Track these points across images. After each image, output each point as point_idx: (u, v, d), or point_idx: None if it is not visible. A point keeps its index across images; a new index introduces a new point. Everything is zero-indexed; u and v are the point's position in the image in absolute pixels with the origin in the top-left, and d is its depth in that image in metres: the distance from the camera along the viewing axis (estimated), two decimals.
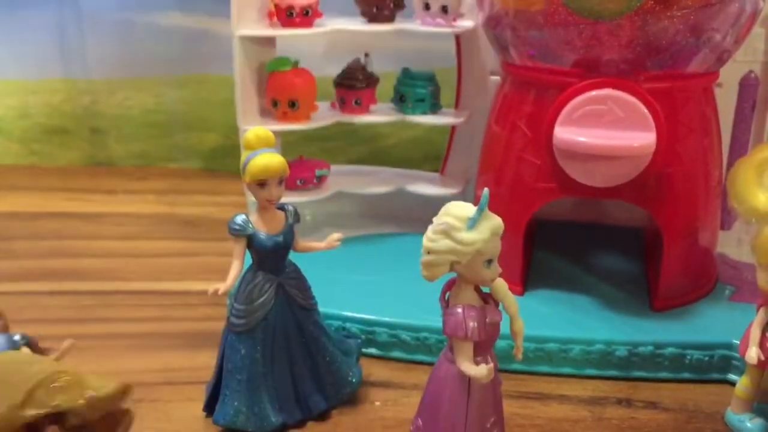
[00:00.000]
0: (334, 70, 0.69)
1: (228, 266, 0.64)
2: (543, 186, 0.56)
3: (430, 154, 0.87)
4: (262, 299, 0.47)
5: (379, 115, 0.68)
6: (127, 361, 0.55)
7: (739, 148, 0.63)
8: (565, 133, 0.52)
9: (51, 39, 0.98)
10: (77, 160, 1.03)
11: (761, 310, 0.46)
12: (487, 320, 0.37)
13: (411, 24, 0.66)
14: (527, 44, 0.56)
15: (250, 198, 0.49)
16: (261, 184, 0.46)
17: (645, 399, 0.52)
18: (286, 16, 0.64)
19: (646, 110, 0.51)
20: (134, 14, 0.95)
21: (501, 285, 0.38)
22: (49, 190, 0.93)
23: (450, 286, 0.39)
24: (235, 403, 0.47)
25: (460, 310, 0.37)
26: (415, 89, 0.67)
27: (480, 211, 0.36)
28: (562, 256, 0.66)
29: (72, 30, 0.97)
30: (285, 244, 0.48)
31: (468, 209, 0.37)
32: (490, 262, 0.37)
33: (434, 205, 0.45)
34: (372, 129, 0.90)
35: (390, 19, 0.66)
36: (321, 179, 0.69)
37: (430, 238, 0.37)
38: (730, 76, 0.61)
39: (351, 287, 0.61)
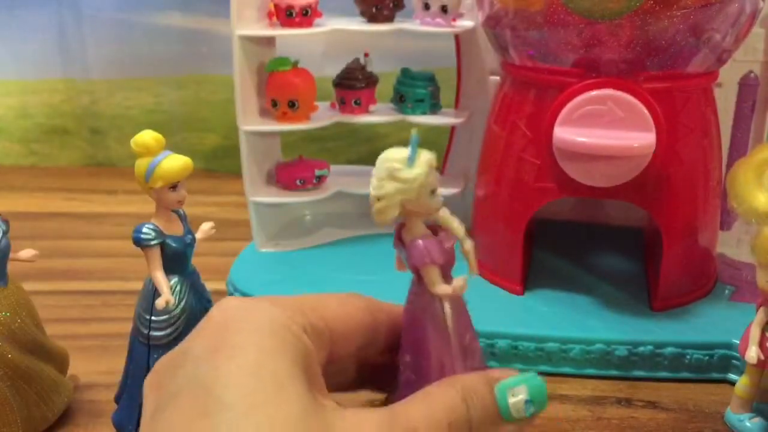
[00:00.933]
0: (334, 70, 0.69)
1: (226, 267, 0.65)
2: (543, 186, 0.56)
3: None
4: (182, 304, 0.46)
5: (379, 115, 0.68)
6: None
7: (738, 148, 0.63)
8: (564, 133, 0.52)
9: (50, 39, 0.98)
10: (77, 161, 1.03)
11: (761, 310, 0.46)
12: (445, 246, 0.40)
13: (410, 24, 0.66)
14: (527, 44, 0.56)
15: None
16: (173, 186, 0.45)
17: (645, 399, 0.52)
18: (286, 16, 0.64)
19: (645, 110, 0.51)
20: (134, 14, 0.95)
21: (444, 213, 0.41)
22: (49, 190, 0.93)
23: (399, 230, 0.41)
24: None
25: (420, 241, 0.40)
26: (415, 89, 0.67)
27: (414, 149, 0.39)
28: (562, 255, 0.66)
29: (71, 30, 0.97)
30: (193, 241, 0.47)
31: (402, 151, 0.39)
32: (433, 192, 0.40)
33: None
34: (372, 129, 0.90)
35: (389, 19, 0.66)
36: (321, 179, 0.69)
37: (376, 186, 0.39)
38: (729, 76, 0.61)
39: (351, 287, 0.60)
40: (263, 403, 0.28)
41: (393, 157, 0.40)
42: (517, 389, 0.36)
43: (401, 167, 0.39)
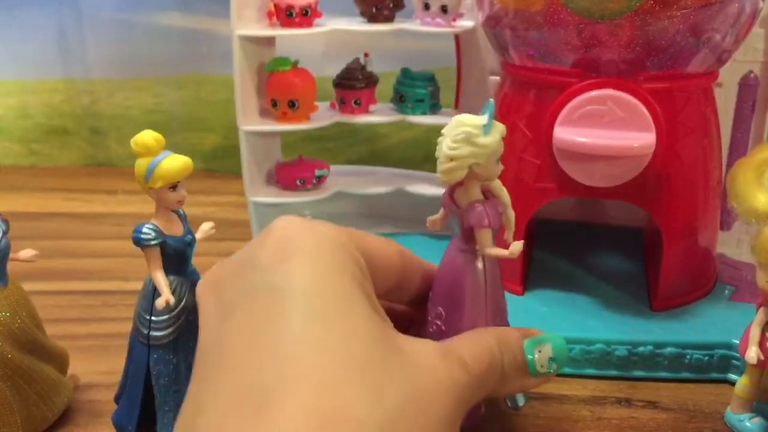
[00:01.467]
0: (334, 70, 0.69)
1: None
2: (543, 186, 0.56)
3: (430, 155, 0.86)
4: (182, 304, 0.46)
5: (379, 115, 0.68)
6: None
7: (738, 149, 0.63)
8: (564, 133, 0.52)
9: (50, 39, 0.98)
10: (77, 161, 1.03)
11: (761, 310, 0.46)
12: (498, 211, 0.44)
13: (411, 24, 0.66)
14: (527, 44, 0.56)
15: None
16: (173, 186, 0.45)
17: (645, 399, 0.52)
18: (286, 16, 0.64)
19: (645, 110, 0.51)
20: (134, 14, 0.95)
21: (497, 180, 0.45)
22: (49, 190, 0.93)
23: (451, 191, 0.45)
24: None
25: (479, 205, 0.43)
26: (415, 89, 0.67)
27: (491, 118, 0.42)
28: (562, 256, 0.66)
29: (71, 30, 0.97)
30: (193, 241, 0.47)
31: (479, 118, 0.42)
32: (498, 160, 0.43)
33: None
34: (371, 129, 0.90)
35: (389, 19, 0.66)
36: (320, 179, 0.69)
37: (451, 147, 0.42)
38: (729, 77, 0.61)
39: None
40: (337, 314, 0.30)
41: (471, 122, 0.42)
42: (542, 346, 0.39)
43: (478, 133, 0.42)
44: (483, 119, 0.42)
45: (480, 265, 0.44)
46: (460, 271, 0.44)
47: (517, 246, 0.42)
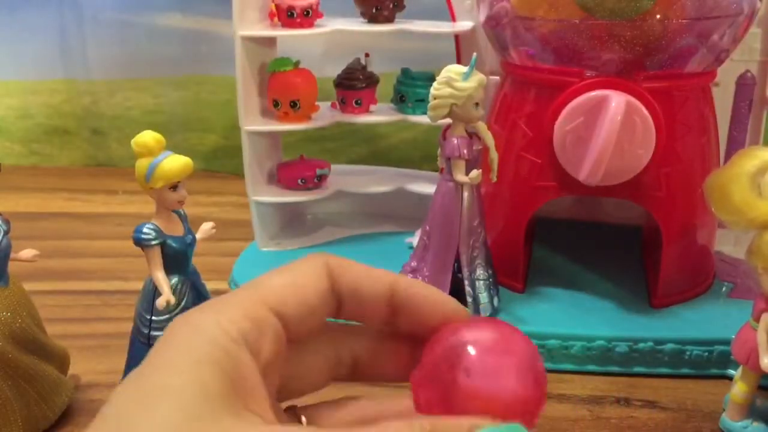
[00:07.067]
0: (335, 70, 0.69)
1: (226, 267, 0.65)
2: (543, 185, 0.56)
3: (430, 154, 0.87)
4: (182, 303, 0.46)
5: (380, 115, 0.68)
6: None
7: (735, 147, 0.63)
8: (565, 132, 0.52)
9: (51, 40, 0.98)
10: (78, 161, 1.03)
11: (764, 316, 0.45)
12: (473, 147, 0.52)
13: (411, 24, 0.66)
14: (527, 44, 0.56)
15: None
16: (173, 186, 0.45)
17: (644, 398, 0.52)
18: (287, 17, 0.64)
19: (645, 110, 0.51)
20: (135, 15, 0.96)
21: (482, 124, 0.53)
22: (50, 190, 0.93)
23: (445, 130, 0.53)
24: None
25: (455, 139, 0.52)
26: (415, 89, 0.67)
27: (471, 68, 0.50)
28: (562, 253, 0.66)
29: (72, 31, 0.97)
30: (193, 241, 0.47)
31: (462, 68, 0.50)
32: (477, 105, 0.51)
33: None
34: (372, 129, 0.90)
35: (389, 19, 0.66)
36: (322, 179, 0.69)
37: (435, 87, 0.50)
38: (727, 76, 0.62)
39: None
40: None
41: (454, 69, 0.50)
42: None
43: (458, 78, 0.50)
44: (464, 68, 0.49)
45: (459, 191, 0.53)
46: (441, 196, 0.53)
47: (474, 173, 0.51)
